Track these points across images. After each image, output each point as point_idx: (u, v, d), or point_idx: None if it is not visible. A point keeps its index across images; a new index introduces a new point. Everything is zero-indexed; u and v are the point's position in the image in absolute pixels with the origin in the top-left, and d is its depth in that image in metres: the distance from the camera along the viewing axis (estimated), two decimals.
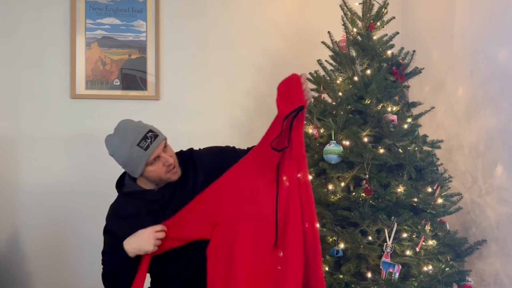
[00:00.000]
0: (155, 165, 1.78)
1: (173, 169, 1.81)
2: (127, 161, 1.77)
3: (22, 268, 2.91)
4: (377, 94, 2.40)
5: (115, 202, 1.92)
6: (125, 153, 1.75)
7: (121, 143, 1.76)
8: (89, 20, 3.03)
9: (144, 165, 1.76)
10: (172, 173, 1.81)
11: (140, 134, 1.75)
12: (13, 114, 2.95)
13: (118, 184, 1.96)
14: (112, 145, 1.79)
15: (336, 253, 2.26)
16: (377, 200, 2.30)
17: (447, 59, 2.94)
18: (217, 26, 3.20)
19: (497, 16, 2.55)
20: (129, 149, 1.74)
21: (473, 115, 2.70)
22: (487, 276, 2.55)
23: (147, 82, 3.09)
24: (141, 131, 1.76)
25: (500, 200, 2.48)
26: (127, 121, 1.83)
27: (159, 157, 1.77)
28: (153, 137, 1.76)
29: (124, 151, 1.75)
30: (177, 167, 1.83)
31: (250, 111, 3.23)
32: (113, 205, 1.91)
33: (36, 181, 2.94)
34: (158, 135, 1.78)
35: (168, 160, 1.78)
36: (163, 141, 1.80)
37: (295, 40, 3.27)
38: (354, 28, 2.63)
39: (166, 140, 1.84)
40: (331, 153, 2.35)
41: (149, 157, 1.74)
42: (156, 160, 1.77)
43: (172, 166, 1.80)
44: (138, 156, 1.74)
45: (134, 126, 1.80)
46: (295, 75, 1.75)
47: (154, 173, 1.79)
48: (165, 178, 1.82)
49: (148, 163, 1.76)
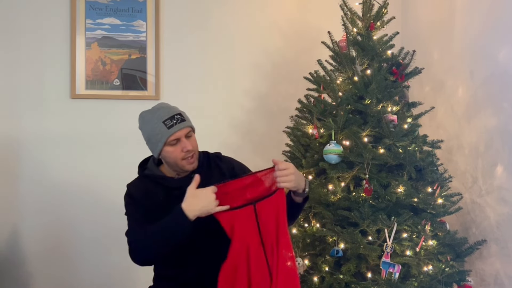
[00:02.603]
0: (174, 147, 1.79)
1: (190, 159, 1.82)
2: (150, 135, 1.81)
3: (22, 268, 2.91)
4: (377, 94, 2.40)
5: (132, 182, 1.92)
6: (150, 127, 1.80)
7: (151, 118, 1.81)
8: (89, 20, 3.03)
9: (163, 143, 1.78)
10: (187, 161, 1.82)
11: (169, 114, 1.80)
12: (13, 114, 2.95)
13: (140, 166, 1.96)
14: (142, 118, 1.85)
15: (336, 253, 2.26)
16: (377, 200, 2.30)
17: (447, 59, 2.93)
18: (217, 26, 3.20)
19: (497, 16, 2.55)
20: (155, 124, 1.78)
21: (473, 115, 2.70)
22: (487, 276, 2.55)
23: (147, 82, 3.09)
24: (171, 111, 1.81)
25: (500, 200, 2.48)
26: (164, 103, 1.91)
27: (179, 140, 1.79)
28: (180, 120, 1.80)
29: (150, 126, 1.80)
30: (194, 158, 1.84)
31: (249, 110, 3.23)
32: (129, 185, 1.91)
33: (36, 180, 2.94)
34: (185, 120, 1.82)
35: (187, 146, 1.79)
36: (189, 128, 1.83)
37: (295, 40, 3.27)
38: (354, 28, 2.63)
39: (193, 130, 1.86)
40: (331, 153, 2.35)
41: (170, 136, 1.77)
42: (176, 142, 1.79)
43: (190, 154, 1.81)
44: (160, 132, 1.78)
45: (168, 106, 1.86)
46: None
47: (171, 154, 1.80)
48: (180, 165, 1.82)
49: (168, 142, 1.78)
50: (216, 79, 3.19)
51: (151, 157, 1.95)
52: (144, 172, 1.91)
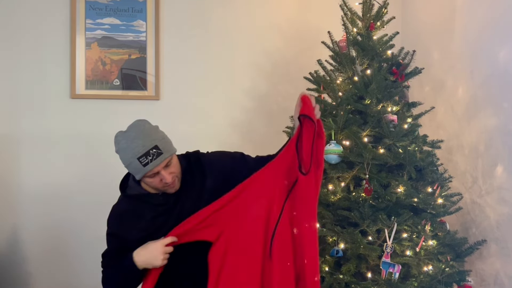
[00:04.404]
0: (153, 179, 1.76)
1: (170, 185, 1.79)
2: (127, 166, 1.78)
3: (22, 268, 2.91)
4: (377, 94, 2.40)
5: (118, 204, 1.91)
6: (126, 160, 1.75)
7: (125, 149, 1.74)
8: (89, 20, 3.03)
9: (141, 176, 1.76)
10: (169, 187, 1.80)
11: (144, 148, 1.71)
12: (13, 114, 2.95)
13: (122, 185, 1.94)
14: (118, 144, 1.78)
15: (336, 253, 2.26)
16: (377, 200, 2.30)
17: (447, 59, 2.93)
18: (217, 26, 3.20)
19: (497, 16, 2.55)
20: (130, 158, 1.73)
21: (473, 115, 2.70)
22: (487, 276, 2.55)
23: (147, 82, 3.09)
24: (146, 145, 1.72)
25: (500, 200, 2.48)
26: (141, 125, 1.79)
27: (158, 173, 1.76)
28: (156, 154, 1.72)
29: (125, 158, 1.75)
30: (175, 183, 1.81)
31: (249, 110, 3.23)
32: (115, 207, 1.90)
33: (36, 181, 2.94)
34: (162, 153, 1.74)
35: (165, 178, 1.75)
36: (166, 159, 1.76)
37: (295, 40, 3.27)
38: (354, 28, 2.63)
39: (172, 155, 1.79)
40: (331, 153, 2.34)
41: (147, 172, 1.73)
42: (154, 175, 1.76)
43: (169, 183, 1.78)
44: (137, 168, 1.73)
45: (143, 134, 1.75)
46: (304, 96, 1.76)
47: (151, 184, 1.79)
48: (162, 190, 1.82)
49: (146, 176, 1.75)
50: (216, 79, 3.19)
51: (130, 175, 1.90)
52: (127, 193, 1.89)
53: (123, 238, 1.81)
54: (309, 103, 1.74)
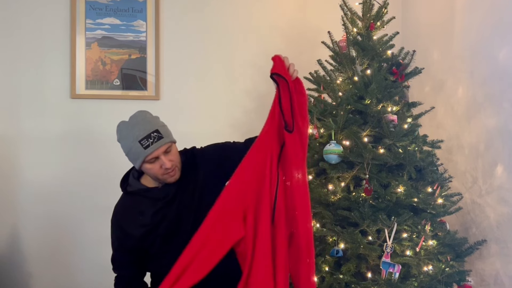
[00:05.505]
0: (153, 165, 1.79)
1: (171, 172, 1.81)
2: (127, 152, 1.80)
3: (22, 268, 2.91)
4: (377, 94, 2.40)
5: (119, 202, 1.93)
6: (127, 145, 1.78)
7: (127, 134, 1.78)
8: (89, 20, 3.03)
9: (141, 161, 1.77)
10: (168, 175, 1.82)
11: (145, 132, 1.76)
12: (13, 114, 2.95)
13: (122, 183, 1.96)
14: (120, 131, 1.83)
15: (336, 253, 2.26)
16: (377, 200, 2.30)
17: (447, 59, 2.93)
18: (217, 26, 3.20)
19: (497, 16, 2.55)
20: (131, 143, 1.76)
21: (473, 115, 2.70)
22: (487, 276, 2.55)
23: (147, 82, 3.09)
24: (147, 128, 1.77)
25: (500, 200, 2.48)
26: (142, 114, 1.84)
27: (158, 158, 1.78)
28: (157, 137, 1.76)
29: (127, 143, 1.78)
30: (175, 171, 1.83)
31: (250, 111, 3.23)
32: (117, 205, 1.93)
33: (36, 181, 2.94)
34: (162, 137, 1.77)
35: (165, 164, 1.77)
36: (167, 144, 1.79)
37: (295, 40, 3.27)
38: (354, 28, 2.63)
39: (172, 143, 1.83)
40: (331, 153, 2.34)
41: (147, 156, 1.76)
42: (154, 160, 1.78)
43: (169, 170, 1.80)
44: (137, 152, 1.76)
45: (144, 121, 1.80)
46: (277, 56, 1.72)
47: (150, 171, 1.81)
48: (161, 179, 1.83)
49: (146, 161, 1.77)
50: (217, 79, 3.19)
51: (131, 171, 1.95)
52: (127, 190, 1.92)
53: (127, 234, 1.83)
54: (279, 62, 1.71)
